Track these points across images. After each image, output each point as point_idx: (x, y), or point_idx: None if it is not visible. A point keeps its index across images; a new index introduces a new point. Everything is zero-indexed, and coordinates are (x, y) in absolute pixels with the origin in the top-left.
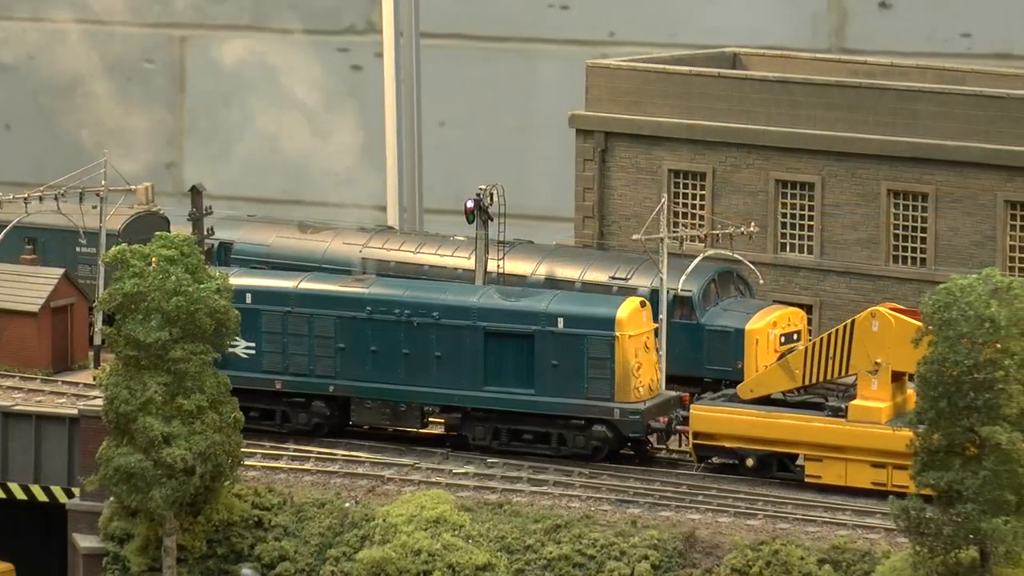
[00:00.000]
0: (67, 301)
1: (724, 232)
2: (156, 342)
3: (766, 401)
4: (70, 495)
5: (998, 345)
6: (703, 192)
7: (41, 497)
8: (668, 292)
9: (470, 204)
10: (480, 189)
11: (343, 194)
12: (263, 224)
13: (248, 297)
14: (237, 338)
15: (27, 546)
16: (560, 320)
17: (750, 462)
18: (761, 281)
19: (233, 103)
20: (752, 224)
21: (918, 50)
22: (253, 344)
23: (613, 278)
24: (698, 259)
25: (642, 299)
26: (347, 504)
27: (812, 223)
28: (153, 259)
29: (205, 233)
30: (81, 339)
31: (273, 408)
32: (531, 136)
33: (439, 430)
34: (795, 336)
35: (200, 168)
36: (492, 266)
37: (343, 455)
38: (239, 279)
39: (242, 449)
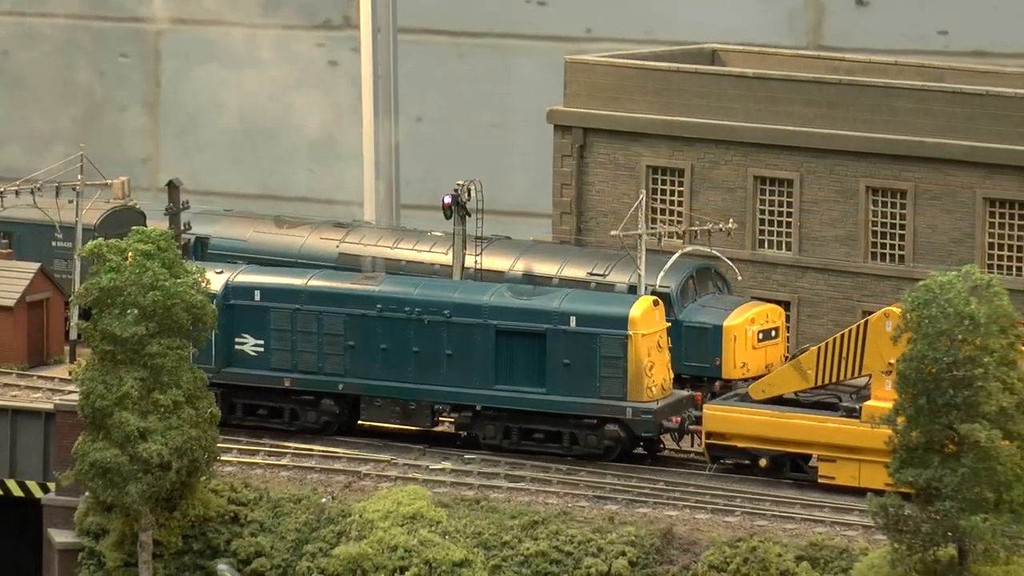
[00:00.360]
0: (43, 295)
1: (702, 228)
2: (132, 337)
3: (780, 401)
4: (45, 490)
5: (977, 342)
6: (681, 188)
7: (16, 492)
8: (646, 288)
9: (448, 200)
10: (458, 185)
11: (320, 189)
12: (240, 219)
13: (257, 294)
14: (246, 335)
15: (2, 541)
16: (572, 319)
17: (763, 462)
18: (739, 277)
19: (209, 98)
20: (730, 220)
21: (895, 48)
22: (262, 341)
23: (591, 274)
24: (676, 255)
25: (655, 298)
26: (324, 500)
27: (790, 220)
28: (129, 254)
29: (182, 228)
30: (57, 334)
31: (282, 406)
32: (508, 132)
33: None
34: (773, 333)
35: (176, 163)
36: (470, 262)
37: (320, 451)
38: (248, 276)
39: (218, 444)
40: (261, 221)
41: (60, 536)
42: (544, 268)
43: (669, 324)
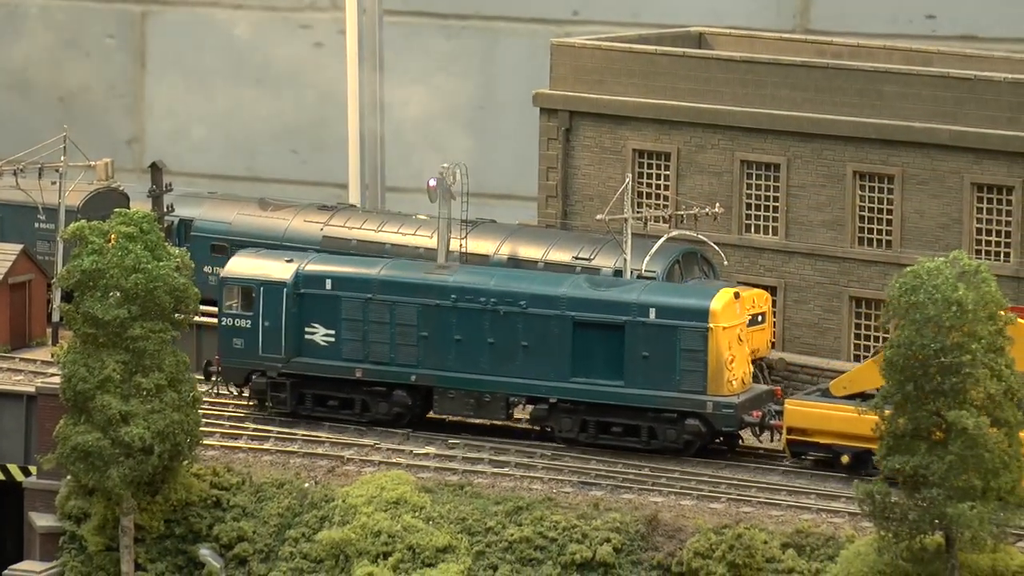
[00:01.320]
0: (25, 277)
1: (689, 213)
2: (115, 320)
3: (864, 397)
4: (27, 473)
5: (965, 329)
6: (668, 172)
7: None
8: (632, 273)
9: (433, 183)
10: (443, 168)
11: (304, 171)
12: (224, 201)
13: (328, 283)
14: (316, 324)
15: None
16: (652, 311)
17: (845, 459)
18: (725, 262)
19: (194, 79)
20: (717, 205)
21: (881, 31)
22: (332, 331)
23: (576, 258)
24: (662, 240)
25: (736, 290)
26: (307, 484)
27: (777, 204)
28: (112, 236)
29: (165, 210)
30: (39, 316)
31: (352, 397)
32: (494, 115)
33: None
34: (759, 318)
35: (161, 144)
36: (455, 245)
37: (303, 435)
38: (319, 265)
39: (201, 428)
40: (245, 204)
41: (41, 520)
42: (530, 252)
43: (748, 318)
